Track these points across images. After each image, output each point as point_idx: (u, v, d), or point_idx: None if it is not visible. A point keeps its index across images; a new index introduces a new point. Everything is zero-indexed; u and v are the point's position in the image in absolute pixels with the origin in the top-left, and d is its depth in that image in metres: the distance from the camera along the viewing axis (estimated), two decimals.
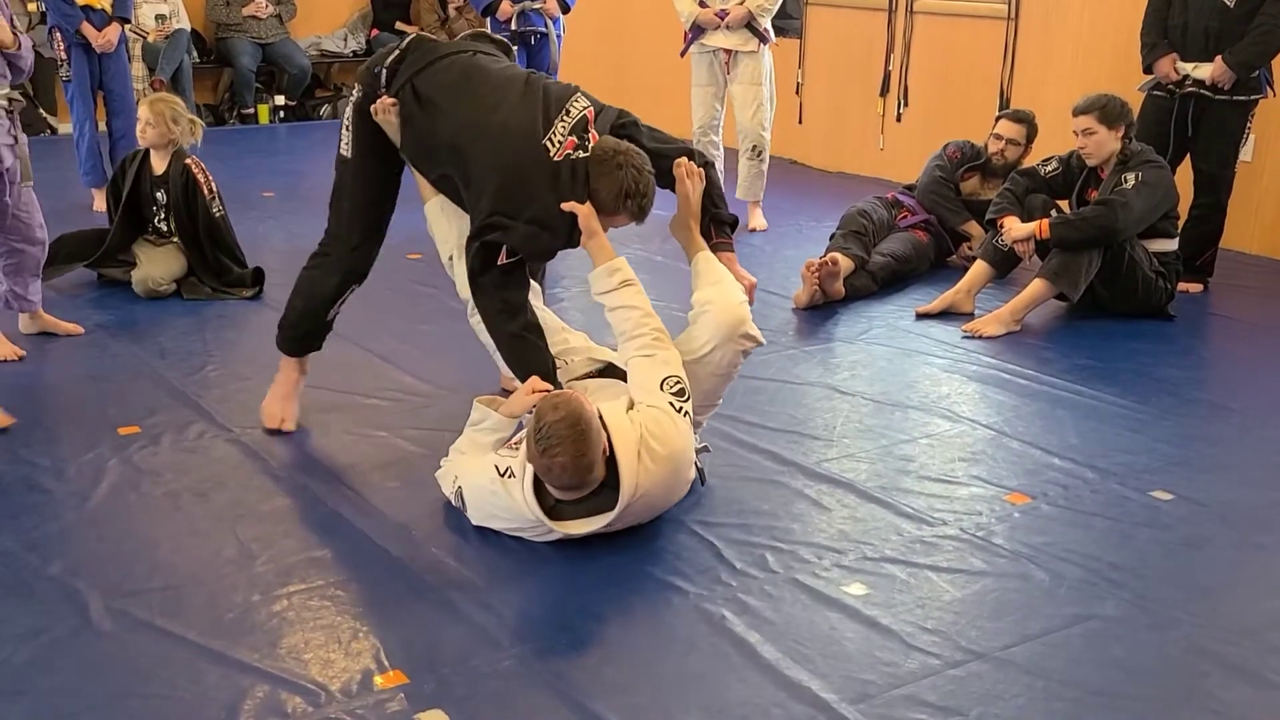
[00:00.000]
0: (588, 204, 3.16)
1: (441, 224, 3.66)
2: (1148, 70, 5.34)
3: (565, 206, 3.15)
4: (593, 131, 3.22)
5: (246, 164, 7.63)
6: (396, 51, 3.35)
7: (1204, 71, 5.16)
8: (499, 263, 3.17)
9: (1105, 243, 4.74)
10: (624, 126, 3.30)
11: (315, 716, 2.36)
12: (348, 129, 3.47)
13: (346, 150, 3.48)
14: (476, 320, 3.48)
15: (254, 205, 6.55)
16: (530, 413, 3.00)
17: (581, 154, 3.17)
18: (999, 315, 4.81)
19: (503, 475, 2.97)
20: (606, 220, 3.23)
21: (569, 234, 3.20)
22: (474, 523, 3.08)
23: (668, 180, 3.32)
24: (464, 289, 3.47)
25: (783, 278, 5.47)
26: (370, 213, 3.52)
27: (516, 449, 3.04)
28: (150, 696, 2.41)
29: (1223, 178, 5.33)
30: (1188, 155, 5.36)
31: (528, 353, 3.25)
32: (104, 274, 5.13)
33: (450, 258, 3.65)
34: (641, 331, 3.19)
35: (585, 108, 3.23)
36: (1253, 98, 5.21)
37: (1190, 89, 5.22)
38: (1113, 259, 4.79)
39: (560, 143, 3.16)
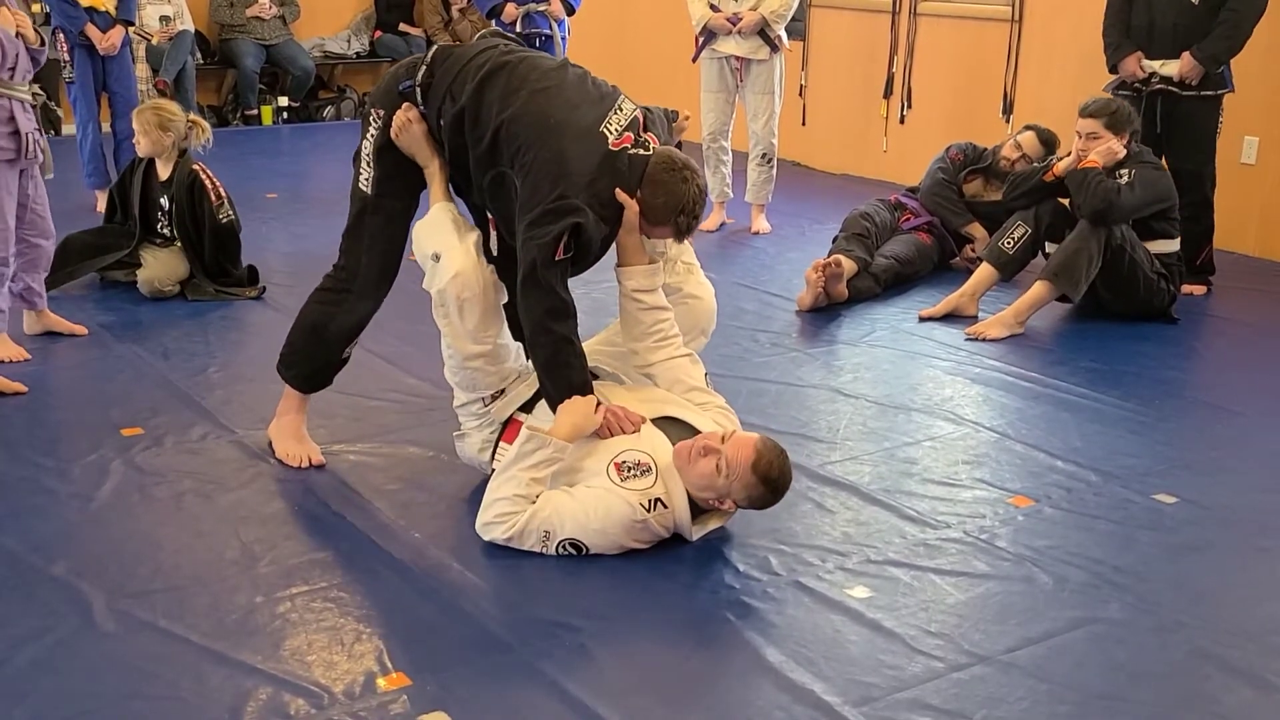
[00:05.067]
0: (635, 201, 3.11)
1: (444, 225, 3.29)
2: (1113, 70, 5.37)
3: (618, 195, 3.06)
4: (650, 134, 3.15)
5: (250, 165, 7.64)
6: (423, 68, 3.19)
7: (1171, 68, 5.19)
8: (556, 258, 3.00)
9: (1099, 213, 4.71)
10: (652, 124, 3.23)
11: (318, 718, 2.36)
12: (368, 163, 3.28)
13: (366, 186, 3.30)
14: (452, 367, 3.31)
15: (258, 207, 6.56)
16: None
17: (641, 152, 3.10)
18: (1002, 318, 4.81)
19: (651, 510, 2.94)
20: (647, 229, 3.16)
21: (614, 227, 3.12)
22: (596, 552, 2.98)
23: None
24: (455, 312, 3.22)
25: (786, 280, 5.47)
26: (392, 251, 3.36)
27: (632, 476, 2.96)
28: (153, 698, 2.41)
29: (1205, 173, 5.35)
30: (1163, 156, 5.38)
31: (571, 361, 3.07)
32: (107, 275, 5.14)
33: (436, 255, 3.25)
34: (673, 334, 3.27)
35: (635, 109, 3.16)
36: (1219, 92, 5.25)
37: (1158, 86, 5.24)
38: (1113, 260, 4.79)
39: (618, 133, 3.06)
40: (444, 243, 3.20)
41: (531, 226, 3.00)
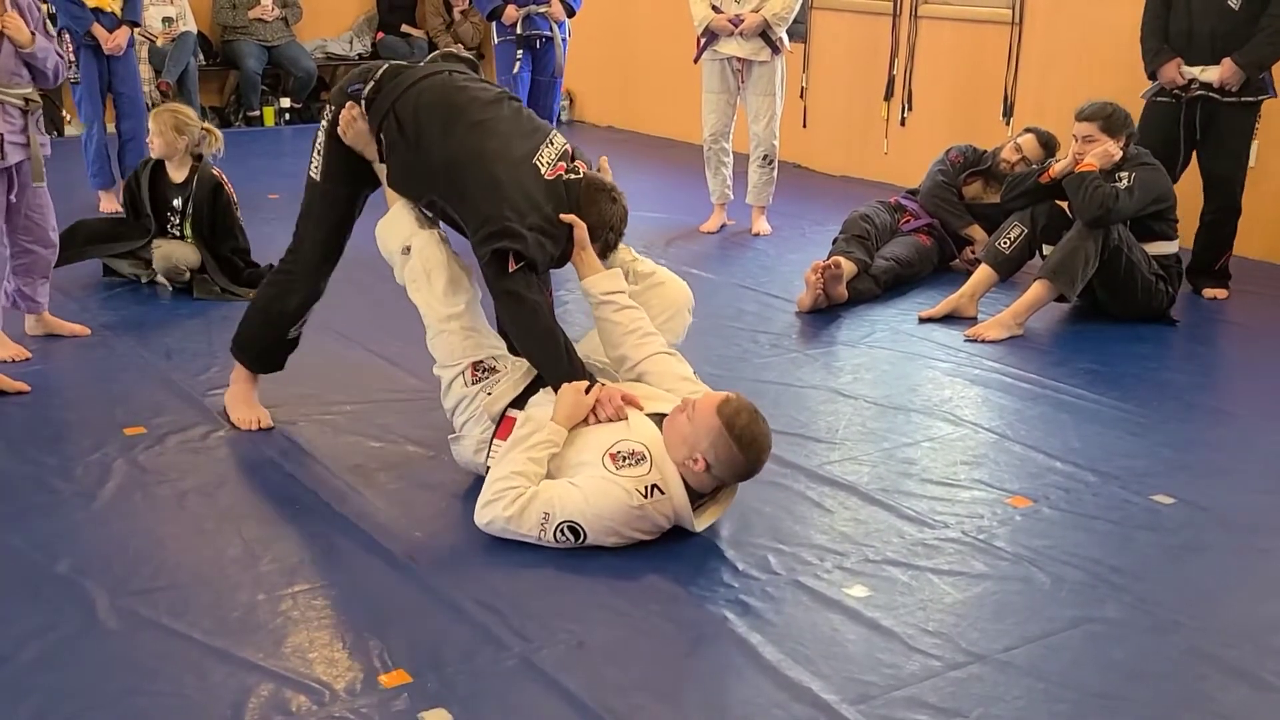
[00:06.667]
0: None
1: (407, 221, 3.46)
2: (1152, 76, 5.35)
3: (564, 217, 3.28)
4: (580, 161, 3.39)
5: (252, 166, 7.65)
6: (372, 82, 3.39)
7: (1211, 74, 5.16)
8: (510, 270, 3.19)
9: (1097, 220, 4.73)
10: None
11: (320, 715, 2.38)
12: (318, 152, 3.50)
13: (315, 173, 3.53)
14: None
15: (259, 207, 6.57)
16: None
17: (573, 177, 3.33)
18: (1001, 319, 4.82)
19: (648, 496, 2.98)
20: None
21: (565, 245, 3.32)
22: (596, 543, 3.00)
23: None
24: (422, 298, 3.42)
25: (786, 281, 5.48)
26: (334, 237, 3.59)
27: (627, 465, 3.00)
28: (156, 695, 2.43)
29: (1237, 178, 5.34)
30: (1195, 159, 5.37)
31: (567, 350, 3.26)
32: (112, 269, 5.18)
33: (406, 248, 3.43)
34: (652, 330, 3.38)
35: (564, 143, 3.40)
36: (1259, 98, 5.23)
37: (1198, 93, 5.22)
38: (1110, 261, 4.80)
39: (550, 164, 3.30)
40: (409, 237, 3.42)
41: (478, 247, 3.22)
